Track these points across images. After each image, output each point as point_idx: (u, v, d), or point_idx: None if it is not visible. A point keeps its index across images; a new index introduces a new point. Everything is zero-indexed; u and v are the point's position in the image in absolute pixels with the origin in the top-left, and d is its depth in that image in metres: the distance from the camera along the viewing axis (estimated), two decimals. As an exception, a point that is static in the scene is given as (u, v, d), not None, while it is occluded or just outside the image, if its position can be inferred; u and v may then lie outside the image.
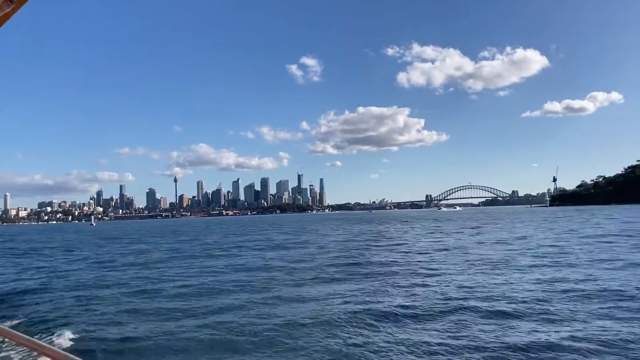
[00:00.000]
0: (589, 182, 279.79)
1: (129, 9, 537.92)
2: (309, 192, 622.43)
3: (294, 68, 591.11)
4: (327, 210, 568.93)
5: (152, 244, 69.01)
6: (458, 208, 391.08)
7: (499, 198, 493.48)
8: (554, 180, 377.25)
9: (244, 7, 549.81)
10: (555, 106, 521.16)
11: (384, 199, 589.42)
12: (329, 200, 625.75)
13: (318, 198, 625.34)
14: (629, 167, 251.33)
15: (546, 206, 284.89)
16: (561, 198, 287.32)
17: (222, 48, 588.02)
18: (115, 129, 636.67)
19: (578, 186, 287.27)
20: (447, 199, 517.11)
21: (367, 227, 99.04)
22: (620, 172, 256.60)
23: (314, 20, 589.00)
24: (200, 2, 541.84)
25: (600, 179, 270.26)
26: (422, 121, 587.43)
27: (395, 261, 35.25)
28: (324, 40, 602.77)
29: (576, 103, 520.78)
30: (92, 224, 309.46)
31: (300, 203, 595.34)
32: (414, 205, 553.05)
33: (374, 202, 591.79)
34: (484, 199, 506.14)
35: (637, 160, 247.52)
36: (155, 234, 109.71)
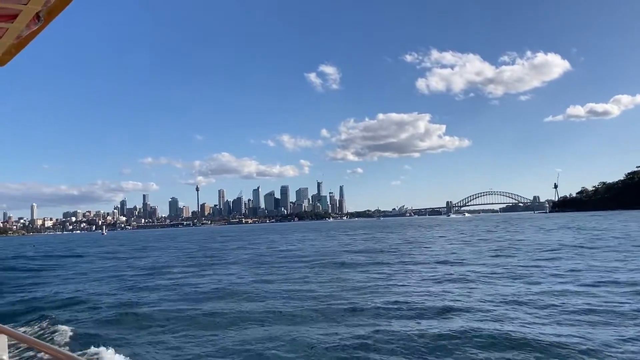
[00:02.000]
0: (590, 188, 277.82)
1: (152, 20, 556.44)
2: (328, 200, 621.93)
3: (312, 76, 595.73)
4: (344, 218, 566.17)
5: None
6: (467, 215, 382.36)
7: (520, 204, 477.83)
8: (555, 187, 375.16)
9: (262, 16, 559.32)
10: (578, 110, 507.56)
11: (403, 205, 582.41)
12: (350, 207, 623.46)
13: (338, 205, 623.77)
14: (629, 173, 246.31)
15: (546, 212, 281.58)
16: (562, 204, 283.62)
17: (241, 57, 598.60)
18: (138, 139, 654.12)
19: (578, 192, 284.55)
20: (468, 205, 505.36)
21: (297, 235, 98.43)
22: (622, 178, 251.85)
23: (332, 29, 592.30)
24: (219, 12, 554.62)
25: (601, 185, 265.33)
26: (444, 127, 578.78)
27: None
28: (342, 48, 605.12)
29: (600, 107, 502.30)
30: (103, 234, 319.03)
31: (319, 211, 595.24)
32: (434, 212, 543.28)
33: (394, 209, 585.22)
34: (504, 205, 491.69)
35: (637, 167, 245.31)
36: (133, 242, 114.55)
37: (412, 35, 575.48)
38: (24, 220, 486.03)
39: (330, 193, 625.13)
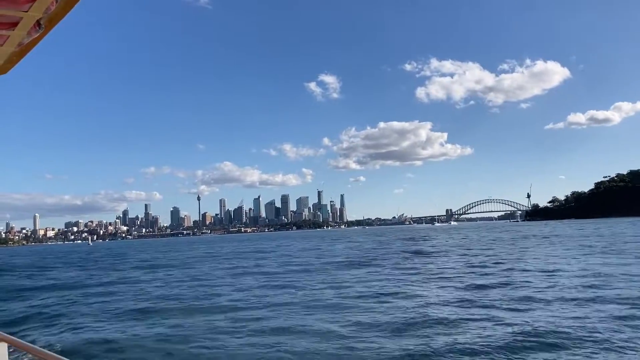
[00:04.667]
0: (561, 197, 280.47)
1: (153, 30, 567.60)
2: (329, 208, 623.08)
3: (312, 85, 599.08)
4: (343, 226, 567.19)
5: None
6: (453, 223, 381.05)
7: (518, 211, 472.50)
8: (528, 196, 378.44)
9: (261, 26, 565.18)
10: (579, 117, 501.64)
11: (402, 214, 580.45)
12: (352, 215, 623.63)
13: (338, 214, 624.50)
14: (597, 183, 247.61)
15: (517, 221, 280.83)
16: (532, 213, 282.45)
17: (241, 67, 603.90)
18: (141, 149, 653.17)
19: (549, 201, 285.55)
20: (468, 213, 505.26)
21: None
22: (591, 188, 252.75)
23: (330, 38, 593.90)
24: (218, 23, 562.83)
25: (571, 195, 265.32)
26: (445, 135, 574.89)
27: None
28: (341, 57, 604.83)
29: (600, 114, 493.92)
30: (89, 244, 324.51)
31: (318, 219, 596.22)
32: (432, 219, 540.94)
33: (394, 217, 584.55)
34: (503, 213, 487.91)
35: (604, 177, 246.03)
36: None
37: (411, 43, 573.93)
38: (27, 231, 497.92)
39: (331, 202, 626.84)
